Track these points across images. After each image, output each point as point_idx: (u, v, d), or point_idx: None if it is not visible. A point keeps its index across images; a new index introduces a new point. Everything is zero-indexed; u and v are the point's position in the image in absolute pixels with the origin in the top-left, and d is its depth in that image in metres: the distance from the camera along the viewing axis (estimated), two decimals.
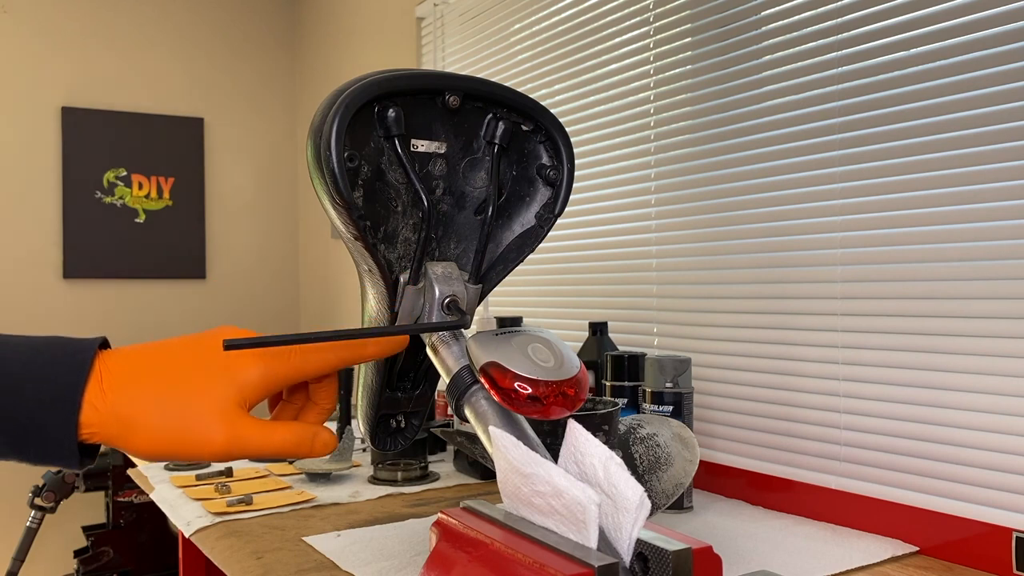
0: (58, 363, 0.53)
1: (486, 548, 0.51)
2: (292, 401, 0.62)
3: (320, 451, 0.59)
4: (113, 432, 0.53)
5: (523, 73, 1.76)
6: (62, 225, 2.72)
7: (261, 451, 0.56)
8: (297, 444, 0.57)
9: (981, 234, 0.94)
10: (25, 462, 0.54)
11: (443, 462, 1.47)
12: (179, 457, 0.54)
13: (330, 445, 0.59)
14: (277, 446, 0.56)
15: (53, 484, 2.06)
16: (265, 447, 0.56)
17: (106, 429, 0.53)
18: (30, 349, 0.53)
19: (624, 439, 0.97)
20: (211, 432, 0.54)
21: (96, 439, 0.54)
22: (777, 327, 1.18)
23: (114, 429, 0.53)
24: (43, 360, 0.53)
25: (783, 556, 0.94)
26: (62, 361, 0.53)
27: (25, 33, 2.69)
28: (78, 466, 0.54)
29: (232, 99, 3.04)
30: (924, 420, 0.99)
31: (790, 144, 1.15)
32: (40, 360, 0.53)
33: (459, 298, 0.64)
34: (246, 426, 0.55)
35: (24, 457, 0.53)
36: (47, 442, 0.52)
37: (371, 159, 0.63)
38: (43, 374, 0.52)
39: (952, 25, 0.96)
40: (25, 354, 0.53)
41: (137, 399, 0.53)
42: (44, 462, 0.54)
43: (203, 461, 0.55)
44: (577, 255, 1.59)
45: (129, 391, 0.54)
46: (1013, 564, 0.88)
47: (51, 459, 0.53)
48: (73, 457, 0.53)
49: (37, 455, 0.53)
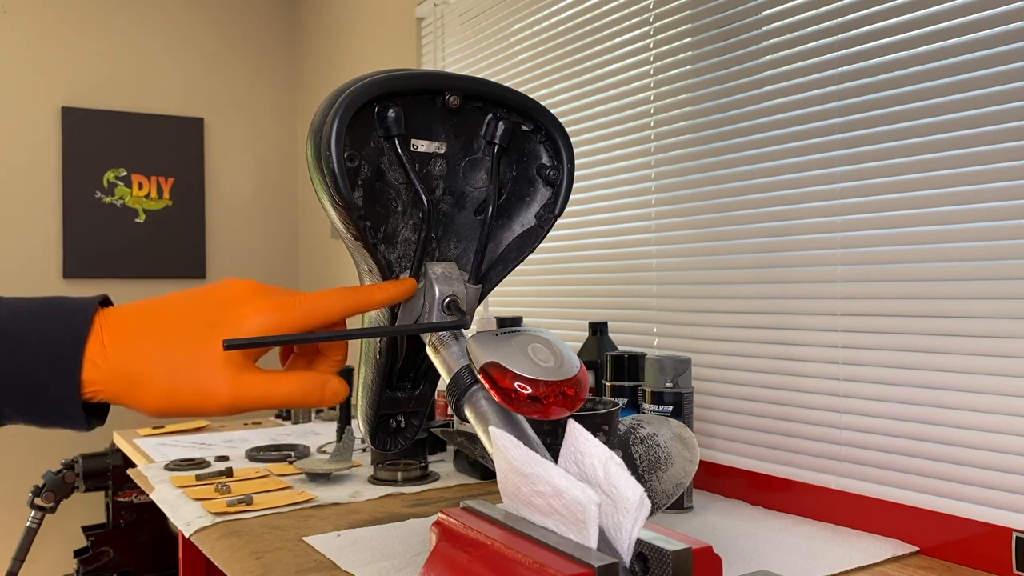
0: (57, 321, 0.52)
1: (486, 548, 0.51)
2: (303, 353, 0.62)
3: (330, 399, 0.58)
4: (117, 389, 0.53)
5: (523, 73, 1.76)
6: (62, 225, 2.72)
7: (268, 402, 0.55)
8: (306, 393, 0.57)
9: (981, 234, 0.94)
10: (33, 424, 0.53)
11: (443, 462, 1.47)
12: (185, 412, 0.54)
13: (340, 393, 0.58)
14: (284, 396, 0.56)
15: (53, 484, 2.05)
16: (271, 398, 0.55)
17: (110, 386, 0.52)
18: (28, 310, 0.53)
19: (624, 439, 0.97)
20: (216, 385, 0.53)
21: (100, 397, 0.53)
22: (777, 327, 1.18)
23: (118, 386, 0.53)
24: (42, 320, 0.52)
25: (783, 556, 0.94)
26: (61, 319, 0.52)
27: (25, 33, 2.69)
28: (85, 426, 0.53)
29: (232, 99, 3.04)
30: (924, 420, 0.99)
31: (790, 144, 1.15)
32: (39, 320, 0.52)
33: (459, 298, 0.64)
34: (251, 377, 0.54)
35: (31, 419, 0.53)
36: (51, 402, 0.52)
37: (371, 159, 0.63)
38: (43, 334, 0.51)
39: (952, 25, 0.96)
40: (23, 315, 0.52)
41: (140, 355, 0.53)
42: (51, 423, 0.53)
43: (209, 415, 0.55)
44: (577, 255, 1.59)
45: (131, 347, 0.53)
46: (1013, 564, 0.88)
47: (57, 420, 0.53)
48: (79, 417, 0.52)
49: (43, 416, 0.52)
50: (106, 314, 0.54)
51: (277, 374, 0.56)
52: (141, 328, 0.54)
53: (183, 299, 0.56)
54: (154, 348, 0.53)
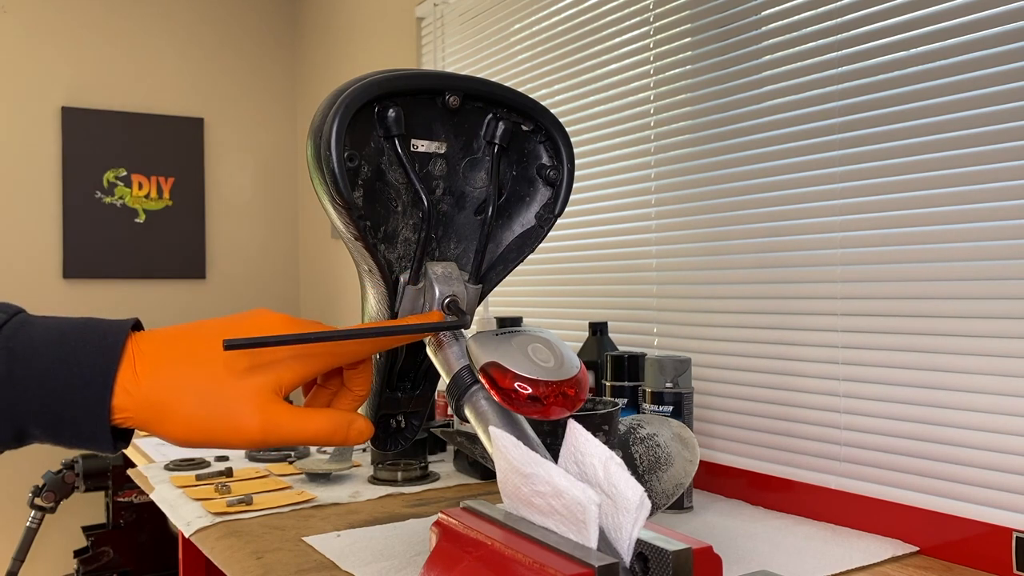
0: (89, 346, 0.52)
1: (486, 548, 0.51)
2: (327, 386, 0.61)
3: (355, 439, 0.58)
4: (147, 417, 0.52)
5: (523, 73, 1.76)
6: (62, 225, 2.72)
7: (296, 439, 0.55)
8: (332, 432, 0.57)
9: (981, 234, 0.94)
10: (60, 445, 0.53)
11: (443, 462, 1.47)
12: (214, 444, 0.54)
13: (365, 433, 0.58)
14: (312, 434, 0.56)
15: (53, 484, 2.05)
16: (300, 435, 0.55)
17: (140, 414, 0.52)
18: (60, 331, 0.52)
19: (624, 439, 0.97)
20: (246, 419, 0.53)
21: (130, 424, 0.53)
22: (777, 327, 1.18)
23: (148, 414, 0.52)
24: (74, 343, 0.52)
25: (783, 556, 0.94)
26: (93, 344, 0.52)
27: (25, 33, 2.69)
28: (112, 450, 0.53)
29: (232, 99, 3.04)
30: (924, 420, 0.99)
31: (790, 144, 1.15)
32: (71, 343, 0.52)
33: (459, 298, 0.64)
34: (281, 413, 0.54)
35: (58, 441, 0.53)
36: (80, 427, 0.51)
37: (371, 159, 0.63)
38: (74, 358, 0.51)
39: (952, 25, 0.96)
40: (55, 337, 0.52)
41: (171, 384, 0.53)
42: (78, 446, 0.53)
43: (237, 448, 0.55)
44: (577, 255, 1.59)
45: (163, 376, 0.53)
46: (1013, 564, 0.88)
47: (85, 444, 0.53)
48: (107, 442, 0.52)
49: (71, 439, 0.52)
50: (138, 339, 0.54)
51: (306, 411, 0.56)
52: (174, 357, 0.54)
53: (215, 328, 0.56)
54: (186, 379, 0.53)
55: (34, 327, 0.52)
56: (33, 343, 0.51)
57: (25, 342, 0.51)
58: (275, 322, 0.56)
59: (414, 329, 0.61)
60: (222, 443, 0.54)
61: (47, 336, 0.52)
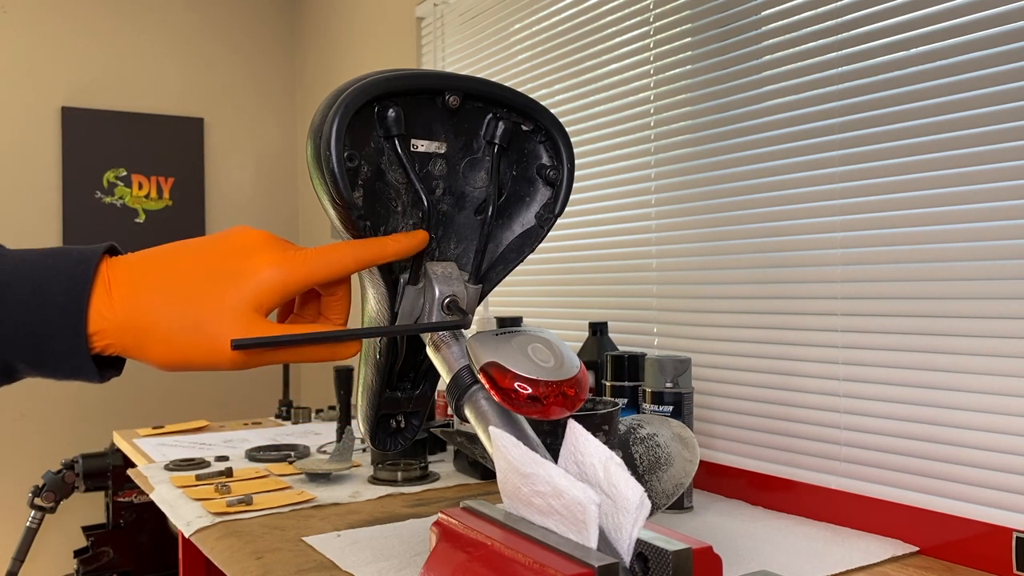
0: (62, 274, 0.51)
1: (486, 548, 0.51)
2: (303, 315, 0.61)
3: (341, 352, 0.57)
4: (128, 342, 0.52)
5: (523, 73, 1.76)
6: (62, 225, 2.72)
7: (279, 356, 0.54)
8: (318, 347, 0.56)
9: (981, 234, 0.94)
10: (48, 377, 0.53)
11: (443, 462, 1.47)
12: (195, 366, 0.53)
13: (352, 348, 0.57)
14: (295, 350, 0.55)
15: (53, 484, 2.05)
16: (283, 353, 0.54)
17: (121, 340, 0.52)
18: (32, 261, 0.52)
19: (624, 439, 0.97)
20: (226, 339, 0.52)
21: (112, 351, 0.52)
22: (777, 327, 1.18)
23: (128, 339, 0.52)
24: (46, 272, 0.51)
25: (783, 556, 0.94)
26: (66, 272, 0.51)
27: (25, 33, 2.69)
28: (98, 379, 0.53)
29: (232, 99, 3.04)
30: (924, 420, 0.99)
31: (790, 144, 1.15)
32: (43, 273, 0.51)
33: (459, 298, 0.64)
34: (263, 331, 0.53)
35: (43, 372, 0.52)
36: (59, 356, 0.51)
37: (371, 159, 0.63)
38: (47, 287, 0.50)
39: (952, 25, 0.96)
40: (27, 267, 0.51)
41: (149, 308, 0.52)
42: (64, 376, 0.52)
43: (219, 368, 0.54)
44: (577, 255, 1.59)
45: (141, 300, 0.52)
46: (1013, 564, 0.88)
47: (69, 373, 0.52)
48: (91, 370, 0.52)
49: (54, 370, 0.52)
50: (113, 264, 0.53)
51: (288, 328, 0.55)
52: (150, 280, 0.53)
53: (194, 249, 0.55)
54: (163, 301, 0.52)
55: (5, 260, 0.52)
56: (5, 277, 0.51)
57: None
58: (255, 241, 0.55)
59: (414, 329, 0.61)
60: (205, 364, 0.53)
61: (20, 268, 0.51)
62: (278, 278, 0.53)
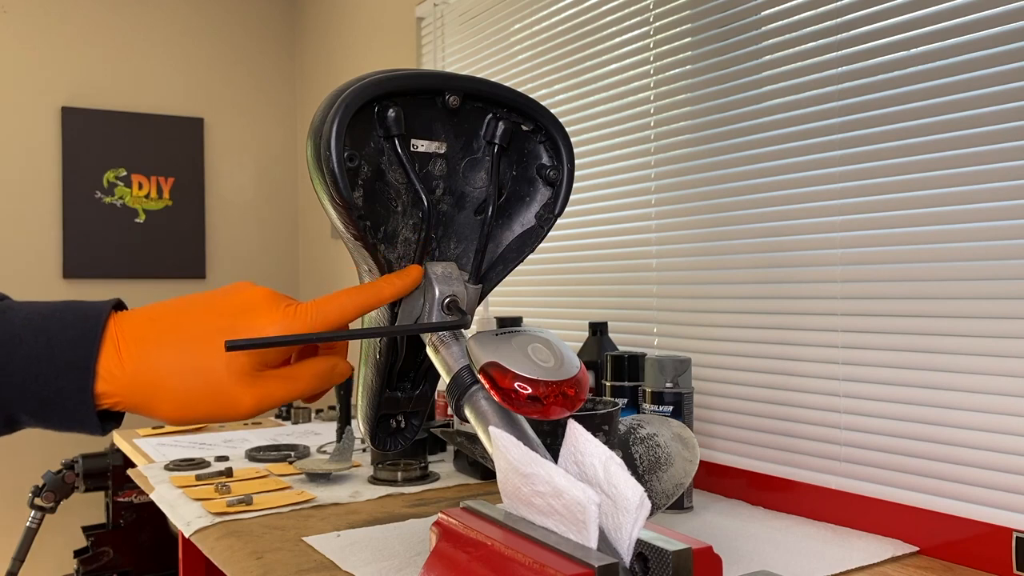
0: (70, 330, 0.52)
1: (486, 548, 0.51)
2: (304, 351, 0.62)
3: (339, 379, 0.59)
4: (137, 400, 0.53)
5: (523, 73, 1.76)
6: (62, 225, 2.72)
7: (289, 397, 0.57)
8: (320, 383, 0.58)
9: (981, 234, 0.94)
10: (49, 429, 0.54)
11: (443, 462, 1.47)
12: (208, 420, 0.54)
13: (347, 372, 0.60)
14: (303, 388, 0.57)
15: (53, 484, 2.05)
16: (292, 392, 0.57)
17: (129, 398, 0.52)
18: (41, 315, 0.52)
19: (624, 439, 0.97)
20: (238, 393, 0.54)
21: (120, 407, 0.53)
22: (777, 327, 1.18)
23: (138, 398, 0.53)
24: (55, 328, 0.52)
25: (783, 556, 0.94)
26: (74, 326, 0.52)
27: (25, 33, 2.69)
28: (101, 432, 0.53)
29: (232, 99, 3.04)
30: (924, 420, 0.99)
31: (790, 144, 1.15)
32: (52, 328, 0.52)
33: (459, 298, 0.64)
34: (270, 382, 0.55)
35: (48, 426, 0.53)
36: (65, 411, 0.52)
37: (371, 159, 0.63)
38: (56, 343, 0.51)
39: (952, 25, 0.96)
40: (37, 320, 0.52)
41: (159, 365, 0.53)
42: (66, 429, 0.53)
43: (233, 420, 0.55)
44: (577, 255, 1.59)
45: (149, 358, 0.53)
46: (1013, 564, 0.88)
47: (72, 427, 0.53)
48: (94, 425, 0.52)
49: (58, 423, 0.53)
50: (120, 320, 0.54)
51: (291, 369, 0.57)
52: (157, 336, 0.54)
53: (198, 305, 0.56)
54: (172, 360, 0.53)
55: (15, 313, 0.52)
56: (14, 330, 0.51)
57: (6, 329, 0.51)
58: (258, 298, 0.56)
59: (414, 329, 0.61)
60: (216, 419, 0.54)
61: (29, 322, 0.52)
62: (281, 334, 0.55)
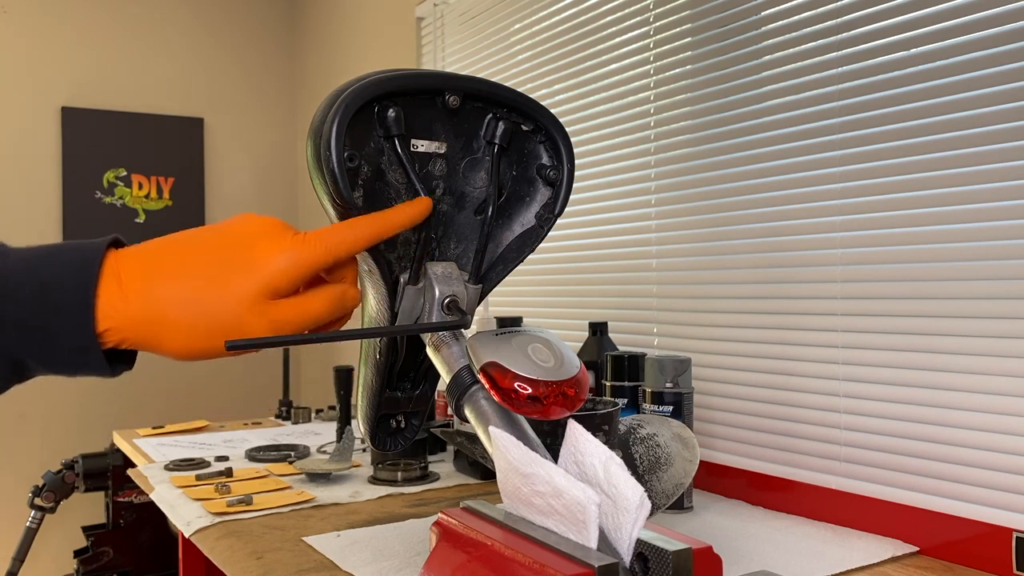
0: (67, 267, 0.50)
1: (486, 548, 0.51)
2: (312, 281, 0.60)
3: (351, 305, 0.57)
4: (144, 335, 0.51)
5: (523, 73, 1.76)
6: (62, 225, 2.72)
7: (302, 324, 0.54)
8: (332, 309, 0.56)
9: (981, 234, 0.94)
10: (59, 374, 0.52)
11: (443, 462, 1.47)
12: (213, 355, 0.53)
13: (356, 298, 0.58)
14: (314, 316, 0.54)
15: (53, 484, 2.05)
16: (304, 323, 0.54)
17: (136, 333, 0.51)
18: (37, 259, 0.51)
19: (624, 439, 0.97)
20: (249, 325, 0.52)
21: (127, 345, 0.52)
22: (777, 327, 1.18)
23: (144, 333, 0.51)
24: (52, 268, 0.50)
25: (783, 556, 0.94)
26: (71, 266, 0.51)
27: (25, 33, 2.69)
28: (111, 373, 0.52)
29: (232, 99, 3.04)
30: (924, 420, 0.99)
31: (790, 144, 1.15)
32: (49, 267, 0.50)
33: (459, 298, 0.64)
34: (282, 309, 0.53)
35: (55, 369, 0.52)
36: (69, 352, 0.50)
37: (371, 159, 0.63)
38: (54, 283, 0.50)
39: (952, 25, 0.96)
40: (33, 264, 0.51)
41: (163, 300, 0.51)
42: (74, 373, 0.52)
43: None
44: (577, 255, 1.59)
45: (155, 292, 0.51)
46: (1013, 564, 0.88)
47: (79, 369, 0.51)
48: (101, 365, 0.51)
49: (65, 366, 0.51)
50: (122, 256, 0.52)
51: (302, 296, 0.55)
52: (162, 270, 0.52)
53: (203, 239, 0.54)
54: (178, 294, 0.51)
55: (9, 258, 0.51)
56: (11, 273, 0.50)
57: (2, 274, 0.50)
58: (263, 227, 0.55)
59: (414, 329, 0.61)
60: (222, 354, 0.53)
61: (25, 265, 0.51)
62: (290, 263, 0.53)
